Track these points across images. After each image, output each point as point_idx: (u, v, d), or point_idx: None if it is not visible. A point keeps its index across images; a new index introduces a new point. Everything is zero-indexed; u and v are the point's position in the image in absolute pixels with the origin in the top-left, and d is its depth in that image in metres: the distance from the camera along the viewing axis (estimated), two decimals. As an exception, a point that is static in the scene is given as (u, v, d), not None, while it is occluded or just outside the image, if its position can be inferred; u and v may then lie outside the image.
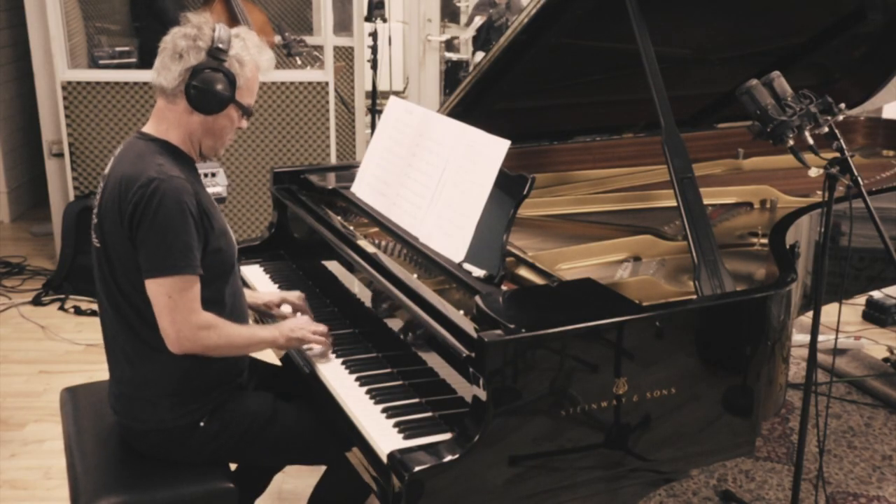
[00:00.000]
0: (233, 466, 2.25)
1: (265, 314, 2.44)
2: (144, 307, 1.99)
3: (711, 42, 2.98)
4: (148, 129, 2.09)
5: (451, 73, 6.64)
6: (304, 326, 2.20)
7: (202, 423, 2.06)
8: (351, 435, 1.94)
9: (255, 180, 4.74)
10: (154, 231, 1.93)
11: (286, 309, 2.40)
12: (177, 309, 1.95)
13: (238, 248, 2.82)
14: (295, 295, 2.41)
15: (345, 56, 5.35)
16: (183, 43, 2.00)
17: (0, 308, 4.46)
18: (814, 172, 2.14)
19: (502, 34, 2.66)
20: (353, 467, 1.97)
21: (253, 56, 2.06)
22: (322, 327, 2.21)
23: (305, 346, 2.21)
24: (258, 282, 2.66)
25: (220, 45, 1.99)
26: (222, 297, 2.09)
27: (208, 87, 1.99)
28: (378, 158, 2.53)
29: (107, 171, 2.08)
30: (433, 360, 1.97)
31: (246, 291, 2.43)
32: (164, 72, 2.02)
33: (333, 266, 2.50)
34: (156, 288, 1.95)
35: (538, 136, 3.15)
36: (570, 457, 1.80)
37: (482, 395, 1.70)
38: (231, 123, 2.09)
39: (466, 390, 1.81)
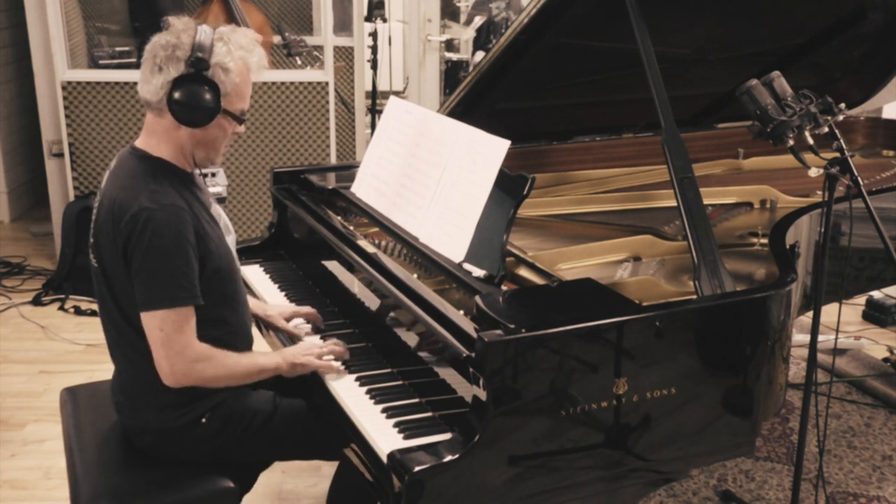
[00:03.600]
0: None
1: (273, 328, 2.38)
2: (142, 324, 1.96)
3: (711, 42, 2.98)
4: (140, 143, 2.03)
5: (451, 73, 6.63)
6: (307, 352, 2.11)
7: (204, 420, 2.05)
8: (351, 435, 1.94)
9: (255, 180, 4.74)
10: (147, 263, 1.88)
11: (297, 322, 2.37)
12: (169, 342, 1.91)
13: (238, 248, 2.82)
14: (306, 309, 2.37)
15: (345, 56, 5.34)
16: (162, 53, 1.92)
17: (0, 308, 4.46)
18: (814, 172, 2.14)
19: (502, 33, 2.66)
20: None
21: (239, 60, 1.96)
22: (327, 347, 2.13)
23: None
24: (258, 282, 2.66)
25: (200, 54, 1.89)
26: (224, 317, 2.06)
27: (191, 101, 1.90)
28: (378, 158, 2.53)
29: (102, 185, 2.04)
30: (433, 360, 1.97)
31: (255, 302, 2.41)
32: (146, 85, 1.94)
33: (333, 266, 2.50)
34: (149, 321, 1.91)
35: (538, 136, 3.15)
36: (570, 457, 1.80)
37: (482, 395, 1.70)
38: (223, 133, 2.01)
39: (466, 390, 1.81)
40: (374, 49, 5.86)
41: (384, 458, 1.76)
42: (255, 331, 2.43)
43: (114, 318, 2.03)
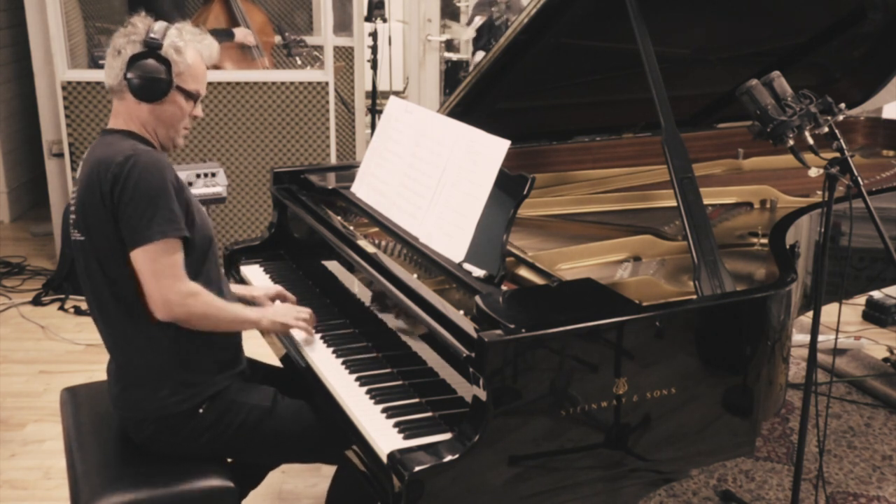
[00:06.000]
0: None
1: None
2: (133, 294, 2.01)
3: (711, 42, 2.98)
4: (110, 125, 2.15)
5: (451, 73, 6.63)
6: (287, 312, 2.26)
7: (201, 410, 2.07)
8: (350, 435, 1.94)
9: (255, 180, 4.74)
10: (136, 201, 1.96)
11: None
12: (162, 273, 1.97)
13: (238, 248, 2.85)
14: (290, 295, 2.45)
15: (345, 56, 5.35)
16: (120, 40, 2.09)
17: (0, 308, 4.46)
18: (814, 172, 2.14)
19: (502, 34, 2.66)
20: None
21: (189, 43, 2.12)
22: (305, 312, 2.27)
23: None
24: (258, 282, 2.66)
25: (153, 35, 2.06)
26: (200, 273, 2.10)
27: (145, 74, 2.05)
28: (378, 158, 2.53)
29: (78, 173, 2.12)
30: (433, 360, 1.97)
31: (239, 286, 2.47)
32: (108, 70, 2.10)
33: (333, 266, 2.50)
34: (141, 255, 1.97)
35: (538, 136, 3.15)
36: (570, 457, 1.80)
37: (482, 395, 1.70)
38: (180, 111, 2.13)
39: (466, 390, 1.81)
40: (374, 49, 5.86)
41: (384, 458, 1.76)
42: (256, 333, 2.43)
43: (101, 292, 2.06)
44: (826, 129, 2.14)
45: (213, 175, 4.05)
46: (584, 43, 2.78)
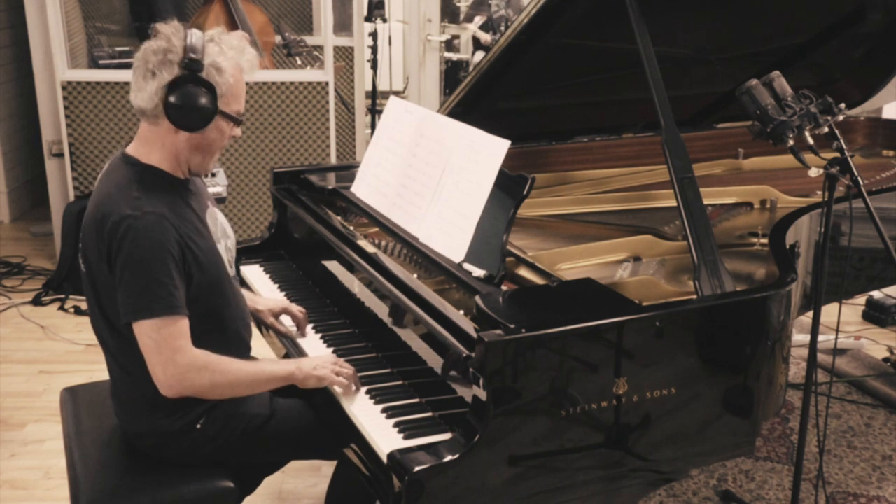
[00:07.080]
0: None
1: (262, 322, 2.40)
2: (128, 330, 1.93)
3: (711, 42, 2.98)
4: (132, 150, 2.00)
5: (451, 73, 6.64)
6: (326, 365, 2.03)
7: (199, 426, 2.03)
8: (351, 435, 1.94)
9: (255, 180, 4.74)
10: (127, 272, 1.86)
11: (286, 320, 2.37)
12: (159, 350, 1.87)
13: (238, 248, 2.82)
14: (297, 308, 2.36)
15: (345, 56, 5.35)
16: (154, 59, 1.89)
17: (0, 308, 4.46)
18: (814, 172, 2.14)
19: (502, 32, 2.66)
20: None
21: (231, 59, 1.94)
22: (348, 369, 2.05)
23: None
24: (258, 282, 2.66)
25: (193, 55, 1.87)
26: (214, 328, 2.03)
27: (188, 103, 1.87)
28: (378, 158, 2.53)
29: (94, 188, 2.03)
30: (433, 359, 1.97)
31: (248, 295, 2.40)
32: (140, 92, 1.91)
33: (333, 266, 2.50)
34: (137, 330, 1.88)
35: (538, 136, 3.16)
36: (570, 457, 1.80)
37: (482, 395, 1.70)
38: (221, 135, 1.98)
39: (466, 390, 1.81)
40: (374, 49, 5.86)
41: (384, 458, 1.76)
42: (256, 333, 2.43)
43: (100, 324, 2.03)
44: (826, 129, 2.14)
45: (213, 175, 4.05)
46: (584, 43, 2.78)
